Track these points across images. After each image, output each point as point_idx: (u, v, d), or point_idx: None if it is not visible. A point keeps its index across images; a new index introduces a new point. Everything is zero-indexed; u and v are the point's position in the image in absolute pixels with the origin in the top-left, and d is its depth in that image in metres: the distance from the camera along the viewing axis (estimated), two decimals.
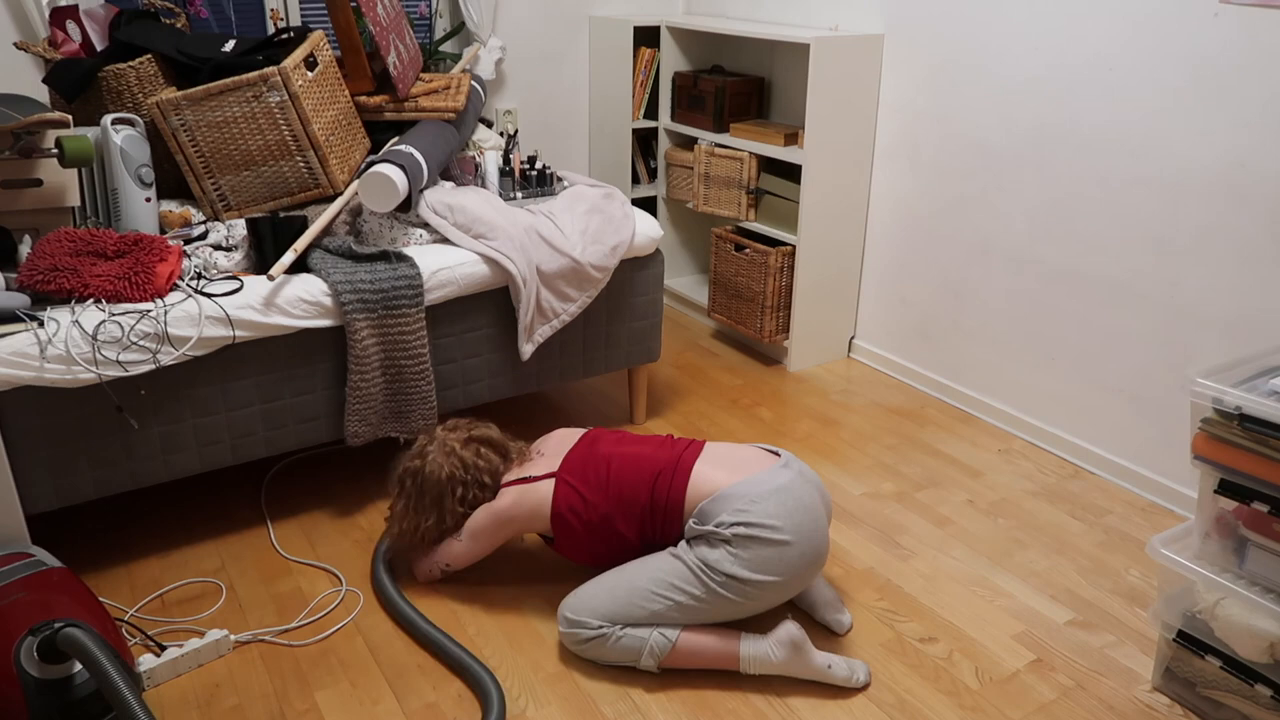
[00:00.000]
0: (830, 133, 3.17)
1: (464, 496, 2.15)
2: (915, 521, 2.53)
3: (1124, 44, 2.49)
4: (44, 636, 1.64)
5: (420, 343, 2.38)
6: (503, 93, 3.82)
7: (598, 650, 1.97)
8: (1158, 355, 2.57)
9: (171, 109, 2.42)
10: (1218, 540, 1.79)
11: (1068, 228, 2.72)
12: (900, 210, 3.26)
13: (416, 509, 2.17)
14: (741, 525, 1.90)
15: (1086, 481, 2.74)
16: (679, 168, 3.75)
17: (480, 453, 2.19)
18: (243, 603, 2.17)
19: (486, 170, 2.81)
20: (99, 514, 2.51)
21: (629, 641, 1.94)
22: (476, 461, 2.17)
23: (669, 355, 3.55)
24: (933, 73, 3.03)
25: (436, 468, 2.15)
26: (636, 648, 1.94)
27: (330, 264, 2.33)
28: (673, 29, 3.69)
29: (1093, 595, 2.25)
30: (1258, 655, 1.74)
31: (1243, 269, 2.34)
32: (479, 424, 2.28)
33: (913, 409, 3.17)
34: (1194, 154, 2.39)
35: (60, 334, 1.99)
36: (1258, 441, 1.67)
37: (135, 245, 2.18)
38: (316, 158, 2.51)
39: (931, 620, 2.16)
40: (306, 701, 1.90)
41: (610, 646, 1.95)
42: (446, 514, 2.16)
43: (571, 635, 1.98)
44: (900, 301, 3.34)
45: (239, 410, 2.26)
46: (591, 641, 1.96)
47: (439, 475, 2.14)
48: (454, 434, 2.22)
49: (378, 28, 2.63)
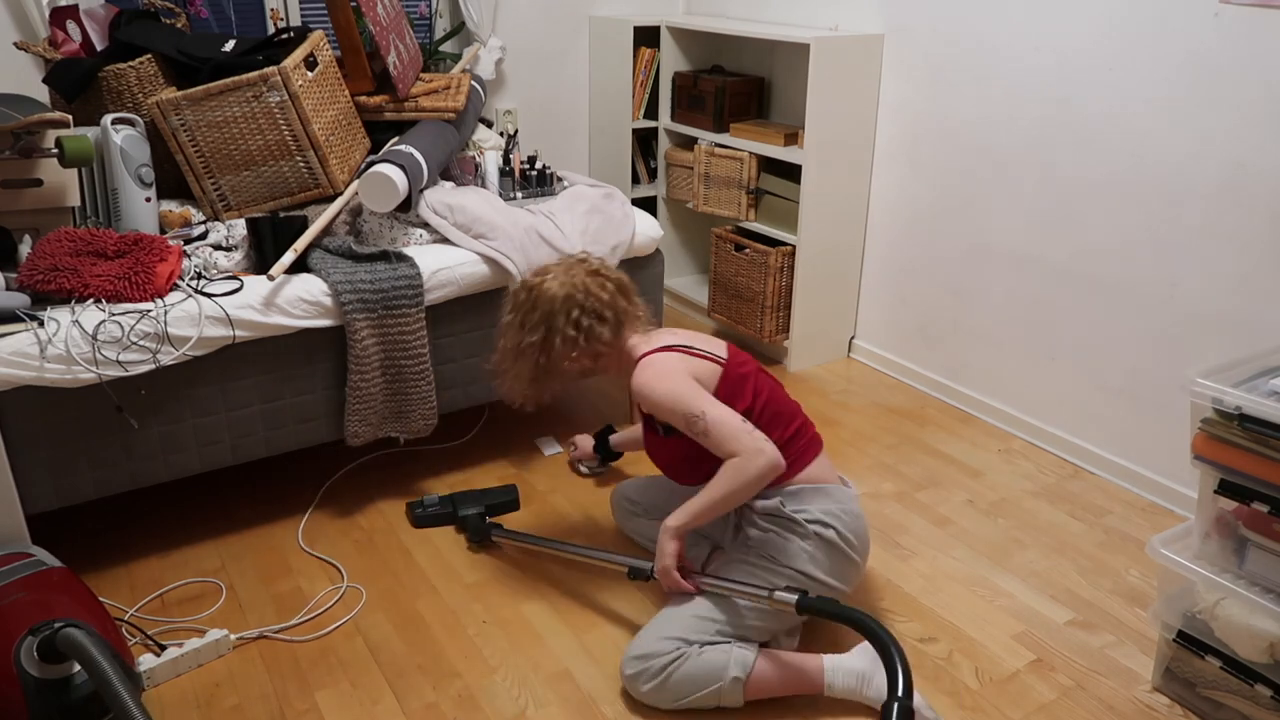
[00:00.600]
0: (830, 133, 3.17)
1: (578, 321, 1.97)
2: (915, 521, 2.53)
3: (1124, 44, 2.49)
4: (44, 636, 1.64)
5: (420, 343, 2.38)
6: (503, 93, 3.82)
7: (676, 682, 1.81)
8: (1157, 355, 2.57)
9: (171, 109, 2.42)
10: (1218, 540, 1.79)
11: (1068, 227, 2.72)
12: (900, 210, 3.26)
13: (523, 324, 2.01)
14: (831, 529, 1.91)
15: (1086, 481, 2.74)
16: (679, 168, 3.75)
17: (605, 286, 2.03)
18: (243, 602, 2.17)
19: (486, 170, 2.81)
20: (99, 514, 2.51)
21: (711, 656, 1.81)
22: (599, 293, 2.00)
23: None
24: (933, 73, 3.03)
25: (555, 285, 2.00)
26: (720, 663, 1.81)
27: (330, 264, 2.33)
28: (673, 29, 3.69)
29: (1093, 595, 2.25)
30: (1258, 655, 1.74)
31: (1243, 269, 2.34)
32: (607, 266, 2.12)
33: (913, 409, 3.17)
34: (1194, 154, 2.39)
35: (60, 334, 1.99)
36: (1258, 442, 1.67)
37: (135, 245, 2.18)
38: (316, 158, 2.51)
39: (931, 620, 2.16)
40: (306, 701, 1.90)
41: (691, 665, 1.80)
42: (555, 335, 1.97)
43: (643, 672, 1.83)
44: (900, 301, 3.34)
45: (239, 410, 2.26)
46: (668, 669, 1.81)
47: (555, 293, 1.99)
48: (583, 264, 2.07)
49: (378, 28, 2.62)
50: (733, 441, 1.83)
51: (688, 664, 1.81)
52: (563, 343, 1.98)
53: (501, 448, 2.87)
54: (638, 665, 1.84)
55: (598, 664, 2.00)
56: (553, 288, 1.99)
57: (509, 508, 2.52)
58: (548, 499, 2.61)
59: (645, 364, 1.97)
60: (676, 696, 1.82)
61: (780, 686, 1.86)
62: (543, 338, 1.99)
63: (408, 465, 2.76)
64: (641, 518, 2.36)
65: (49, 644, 1.63)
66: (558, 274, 2.02)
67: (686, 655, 1.82)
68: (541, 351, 2.00)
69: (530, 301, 2.01)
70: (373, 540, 2.41)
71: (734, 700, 1.83)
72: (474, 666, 2.00)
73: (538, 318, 1.99)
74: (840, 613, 1.74)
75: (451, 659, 2.02)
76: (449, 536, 2.43)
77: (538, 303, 2.00)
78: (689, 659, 1.81)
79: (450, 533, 2.45)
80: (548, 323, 1.98)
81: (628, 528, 2.40)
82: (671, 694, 1.82)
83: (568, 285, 2.00)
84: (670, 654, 1.82)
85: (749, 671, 1.82)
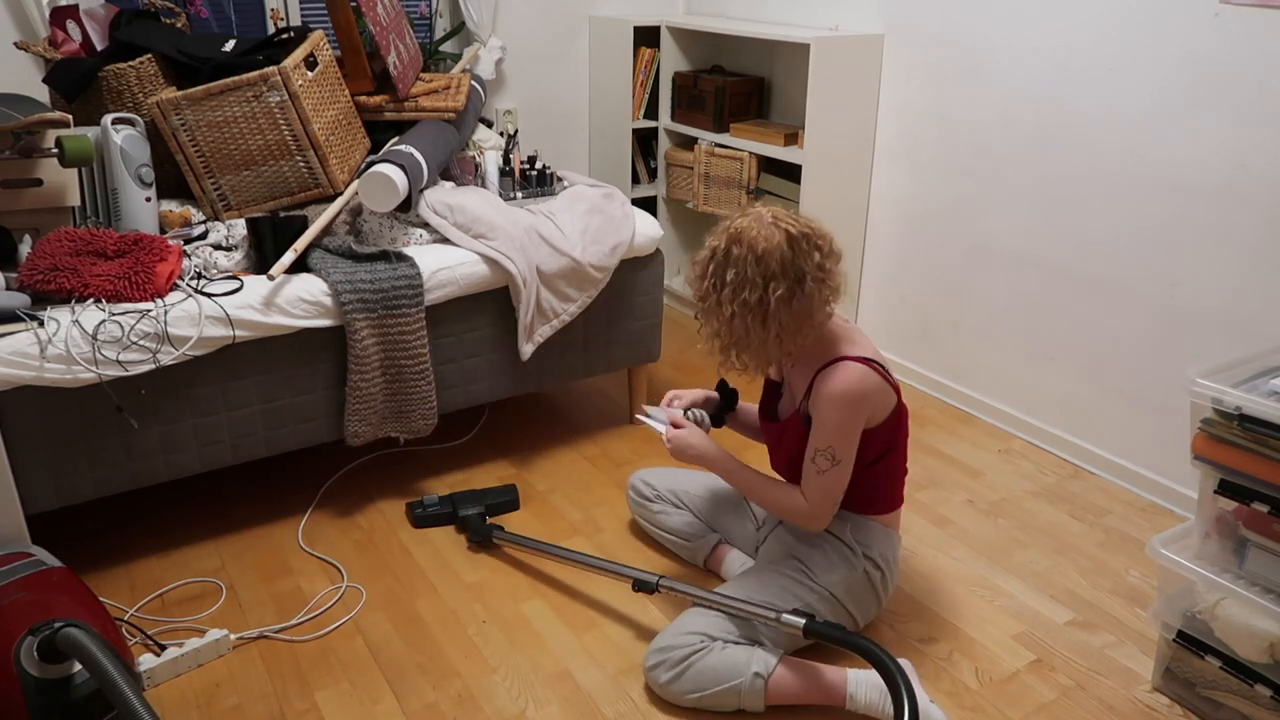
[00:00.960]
0: (830, 133, 3.17)
1: (822, 264, 1.75)
2: (915, 521, 2.53)
3: (1124, 43, 2.49)
4: (44, 636, 1.64)
5: (420, 343, 2.38)
6: (503, 93, 3.82)
7: (697, 673, 1.80)
8: (1157, 355, 2.57)
9: (171, 109, 2.42)
10: (1218, 540, 1.79)
11: (1068, 227, 2.72)
12: (900, 210, 3.26)
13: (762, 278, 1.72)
14: (879, 571, 1.96)
15: (1086, 482, 2.74)
16: (679, 167, 3.75)
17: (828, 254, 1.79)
18: (242, 602, 2.17)
19: (486, 170, 2.81)
20: (99, 514, 2.51)
21: (734, 652, 1.81)
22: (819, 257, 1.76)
23: (669, 355, 3.54)
24: (933, 73, 3.03)
25: (771, 232, 1.74)
26: (743, 659, 1.80)
27: (330, 264, 2.33)
28: (673, 29, 3.69)
29: (1093, 595, 2.25)
30: (1257, 655, 1.74)
31: (1242, 268, 2.34)
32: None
33: (912, 409, 3.16)
34: (1194, 153, 2.39)
35: (60, 334, 1.99)
36: (1257, 442, 1.67)
37: (135, 245, 2.18)
38: (316, 157, 2.51)
39: (931, 620, 2.16)
40: (306, 701, 1.90)
41: (714, 658, 1.80)
42: (807, 278, 1.73)
43: (664, 662, 1.83)
44: (900, 301, 3.34)
45: (239, 410, 2.26)
46: (689, 660, 1.81)
47: (778, 239, 1.73)
48: (768, 210, 1.80)
49: (378, 27, 2.62)
50: (820, 493, 1.85)
51: (710, 657, 1.81)
52: (815, 283, 1.74)
53: (501, 448, 2.87)
54: (659, 656, 1.84)
55: (598, 664, 2.00)
56: (771, 235, 1.73)
57: (509, 507, 2.52)
58: (548, 499, 2.61)
59: (847, 370, 1.79)
60: (696, 687, 1.81)
61: (802, 694, 1.84)
62: (789, 286, 1.73)
63: (408, 465, 2.76)
64: (654, 504, 2.35)
65: (49, 644, 1.63)
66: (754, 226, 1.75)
67: (709, 649, 1.82)
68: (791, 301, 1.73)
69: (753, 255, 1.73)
70: (373, 540, 2.41)
71: (755, 703, 1.82)
72: (474, 666, 2.00)
73: (775, 268, 1.72)
74: (847, 639, 1.73)
75: (451, 659, 2.02)
76: (449, 536, 2.43)
77: (763, 256, 1.73)
78: (712, 652, 1.81)
79: (450, 533, 2.45)
80: (793, 268, 1.73)
81: (641, 514, 2.40)
82: (691, 684, 1.81)
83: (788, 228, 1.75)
84: (693, 646, 1.82)
85: (771, 672, 1.81)
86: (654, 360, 2.93)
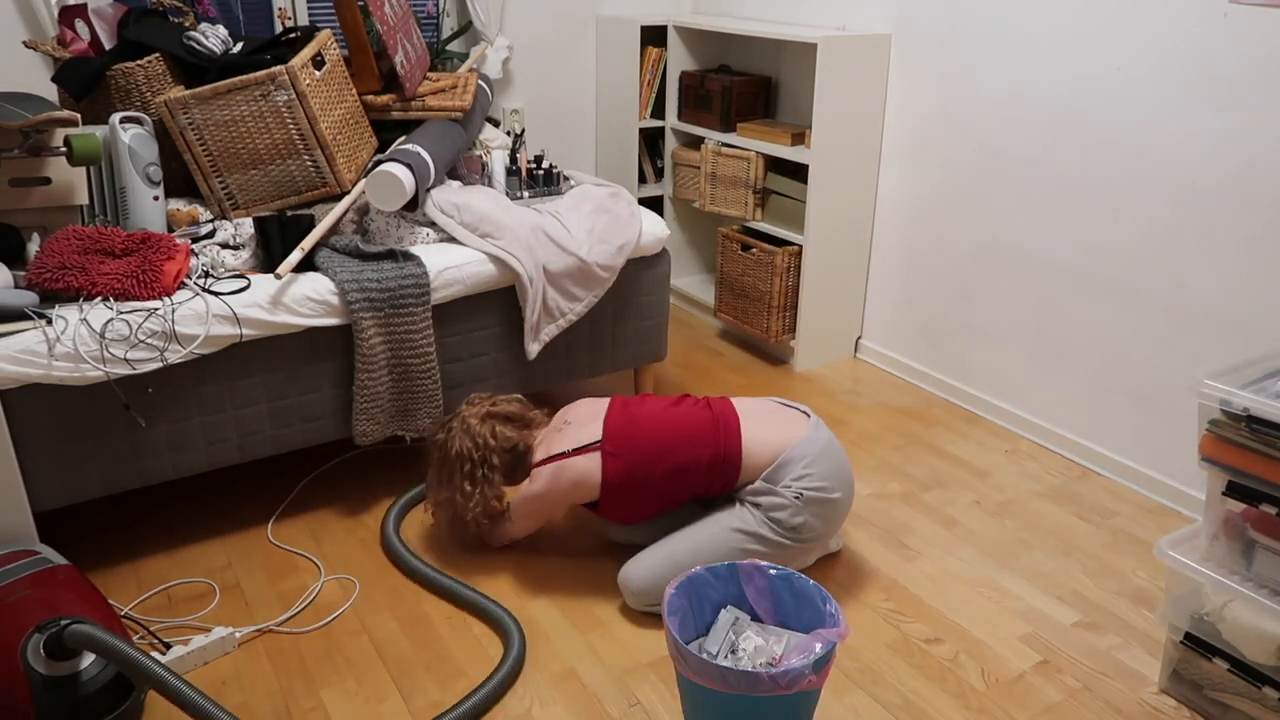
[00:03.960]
0: (837, 133, 3.16)
1: (471, 474, 2.19)
2: (921, 522, 2.53)
3: (1132, 44, 2.48)
4: (50, 634, 1.64)
5: (427, 341, 2.39)
6: (509, 92, 3.82)
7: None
8: (1165, 356, 2.56)
9: (179, 108, 2.43)
10: (1225, 542, 1.79)
11: (1075, 228, 2.71)
12: (907, 210, 3.25)
13: (439, 480, 2.25)
14: (807, 489, 2.06)
15: (1093, 483, 2.73)
16: (686, 167, 3.75)
17: (495, 431, 2.22)
18: (248, 600, 2.18)
19: (493, 169, 2.81)
20: (106, 512, 2.52)
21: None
22: (489, 440, 2.20)
23: (675, 355, 3.55)
24: (940, 73, 3.02)
25: (453, 442, 2.22)
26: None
27: (337, 263, 2.33)
28: (680, 29, 3.69)
29: (1099, 597, 2.24)
30: (1265, 658, 1.74)
31: (1251, 270, 2.33)
32: (501, 399, 2.31)
33: (919, 409, 3.16)
34: (1202, 155, 2.38)
35: (68, 332, 1.99)
36: (1265, 443, 1.66)
37: (143, 244, 2.19)
38: (324, 156, 2.52)
39: (937, 621, 2.15)
40: (312, 699, 1.90)
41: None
42: (456, 491, 2.20)
43: (641, 598, 2.11)
44: (907, 302, 3.33)
45: (246, 408, 2.27)
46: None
47: (449, 452, 2.22)
48: (472, 409, 2.26)
49: (385, 27, 2.63)
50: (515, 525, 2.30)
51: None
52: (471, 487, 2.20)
53: None
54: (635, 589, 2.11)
55: (603, 663, 2.00)
56: (451, 445, 2.22)
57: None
58: None
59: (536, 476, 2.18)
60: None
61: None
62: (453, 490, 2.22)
63: (414, 463, 2.76)
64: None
65: (55, 641, 1.64)
66: (455, 429, 2.23)
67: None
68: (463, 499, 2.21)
69: (440, 459, 2.25)
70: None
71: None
72: (479, 665, 2.00)
73: (445, 475, 2.23)
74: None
75: (456, 657, 2.02)
76: (454, 536, 2.43)
77: (443, 461, 2.24)
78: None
79: (455, 532, 2.45)
80: (451, 481, 2.22)
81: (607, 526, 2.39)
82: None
83: (461, 442, 2.20)
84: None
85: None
86: (660, 360, 2.93)
